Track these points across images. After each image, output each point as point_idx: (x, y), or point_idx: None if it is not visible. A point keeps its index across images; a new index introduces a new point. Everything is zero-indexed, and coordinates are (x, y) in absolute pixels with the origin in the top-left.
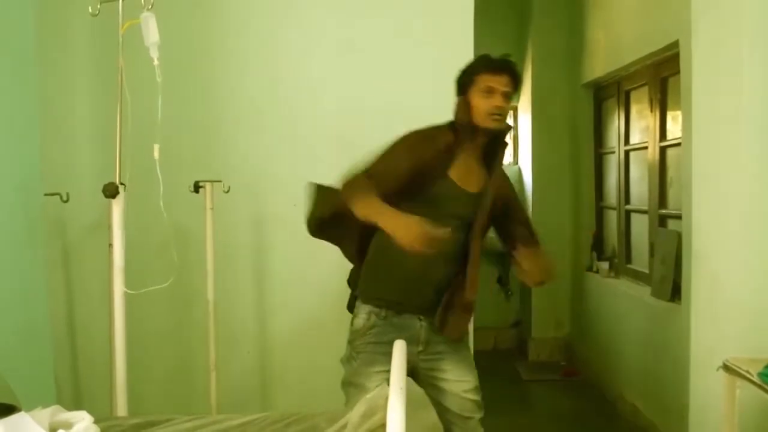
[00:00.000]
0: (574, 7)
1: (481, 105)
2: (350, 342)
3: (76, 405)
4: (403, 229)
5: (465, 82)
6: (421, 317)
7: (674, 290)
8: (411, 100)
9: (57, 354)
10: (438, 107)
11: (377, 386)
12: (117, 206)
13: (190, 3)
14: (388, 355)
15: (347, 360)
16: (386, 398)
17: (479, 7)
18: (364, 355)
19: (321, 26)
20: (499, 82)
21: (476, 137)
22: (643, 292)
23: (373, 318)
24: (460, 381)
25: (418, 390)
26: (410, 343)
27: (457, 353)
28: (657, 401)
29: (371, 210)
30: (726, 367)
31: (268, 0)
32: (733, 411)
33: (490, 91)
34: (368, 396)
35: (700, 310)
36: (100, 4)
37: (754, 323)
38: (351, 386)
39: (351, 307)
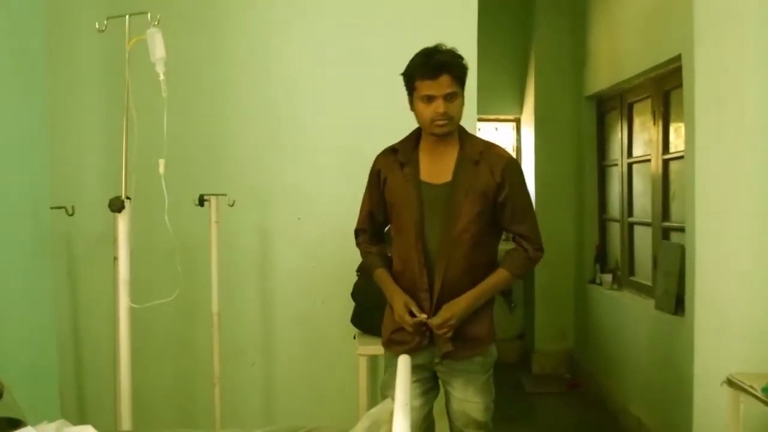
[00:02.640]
0: (578, 20)
1: (424, 112)
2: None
3: (80, 418)
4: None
5: (408, 86)
6: None
7: (678, 303)
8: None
9: (62, 366)
10: None
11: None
12: (122, 220)
13: (196, 19)
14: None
15: (384, 369)
16: (391, 413)
17: (482, 18)
18: (391, 368)
19: (325, 40)
20: (437, 87)
21: (430, 138)
22: (647, 305)
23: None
24: (466, 401)
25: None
26: (430, 352)
27: (467, 372)
28: (661, 415)
29: (382, 286)
30: (730, 382)
31: (273, 15)
32: (737, 426)
33: (429, 99)
34: (372, 410)
35: (704, 323)
36: (107, 20)
37: (758, 337)
38: (382, 396)
39: (354, 320)
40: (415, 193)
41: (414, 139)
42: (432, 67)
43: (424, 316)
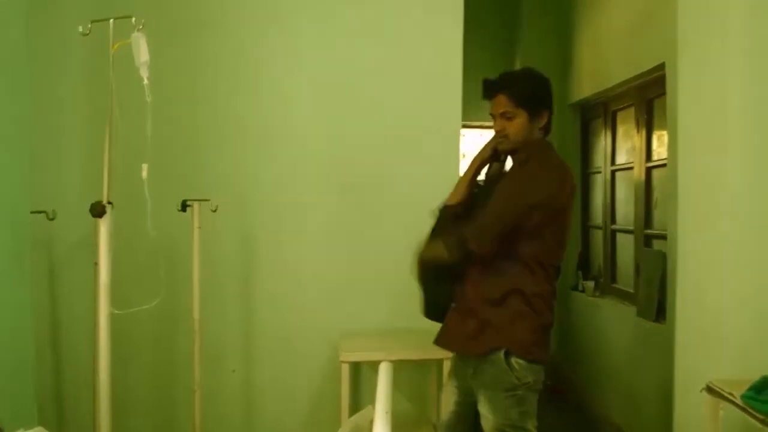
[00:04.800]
0: (562, 28)
1: (494, 129)
2: None
3: (58, 425)
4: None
5: None
6: None
7: (659, 310)
8: (398, 119)
9: (40, 373)
10: (424, 125)
11: (446, 398)
12: (104, 225)
13: (181, 24)
14: (453, 369)
15: None
16: (371, 420)
17: (468, 26)
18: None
19: (308, 47)
20: (494, 107)
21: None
22: (629, 311)
23: None
24: (484, 416)
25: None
26: (466, 364)
27: (485, 387)
28: (641, 421)
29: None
30: (709, 389)
31: (257, 20)
32: None
33: (493, 117)
34: (353, 417)
35: (685, 331)
36: (91, 23)
37: (738, 345)
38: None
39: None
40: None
41: None
42: (487, 88)
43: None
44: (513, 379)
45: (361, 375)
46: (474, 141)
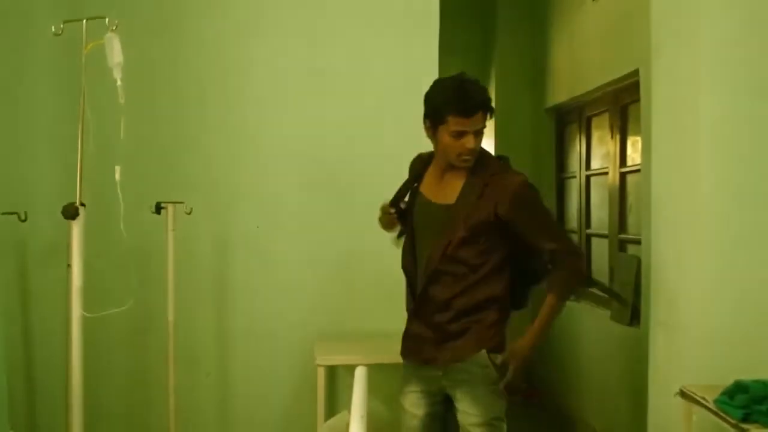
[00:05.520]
0: (538, 33)
1: (452, 146)
2: None
3: (30, 429)
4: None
5: (434, 117)
6: None
7: (633, 315)
8: (374, 122)
9: (11, 376)
10: (400, 129)
11: (410, 405)
12: (76, 227)
13: (155, 24)
14: (417, 376)
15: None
16: (347, 424)
17: (443, 31)
18: (402, 377)
19: (285, 48)
20: (471, 124)
21: (444, 162)
22: (603, 316)
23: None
24: (466, 413)
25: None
26: (434, 366)
27: (468, 384)
28: (616, 425)
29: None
30: (683, 393)
31: (232, 23)
32: None
33: (461, 135)
34: (329, 421)
35: (659, 335)
36: (64, 23)
37: (711, 349)
38: (399, 404)
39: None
40: (411, 206)
41: (428, 159)
42: (471, 105)
43: (392, 209)
44: (494, 373)
45: (337, 379)
46: None
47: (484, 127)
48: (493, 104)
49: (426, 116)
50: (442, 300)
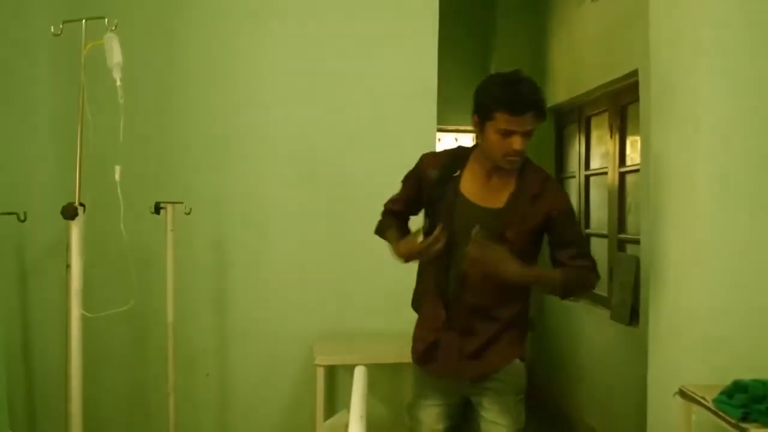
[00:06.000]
0: (538, 33)
1: (498, 145)
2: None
3: (30, 430)
4: (401, 247)
5: (483, 112)
6: None
7: (633, 315)
8: (374, 124)
9: (11, 377)
10: (400, 130)
11: (429, 419)
12: (76, 227)
13: (154, 25)
14: (438, 389)
15: (413, 387)
16: (346, 424)
17: (443, 29)
18: (416, 387)
19: (282, 48)
20: (522, 124)
21: (488, 163)
22: (603, 315)
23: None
24: (494, 423)
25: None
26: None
27: (497, 393)
28: (615, 425)
29: (389, 243)
30: (682, 393)
31: (230, 23)
32: None
33: (509, 134)
34: (329, 421)
35: (658, 335)
36: (63, 24)
37: (711, 349)
38: (409, 418)
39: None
40: (450, 209)
41: (464, 156)
42: (521, 105)
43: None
44: (521, 382)
45: (337, 378)
46: (449, 145)
47: (534, 129)
48: None
49: (474, 111)
50: (484, 308)
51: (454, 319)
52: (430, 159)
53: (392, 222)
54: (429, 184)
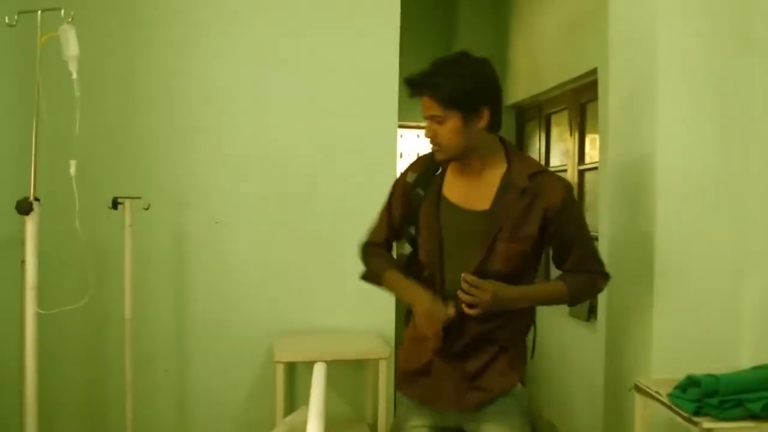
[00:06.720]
0: (499, 30)
1: (425, 135)
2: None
3: None
4: (424, 320)
5: None
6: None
7: (590, 311)
8: (334, 120)
9: None
10: (361, 126)
11: None
12: (31, 222)
13: (111, 17)
14: (425, 413)
15: (395, 409)
16: (305, 422)
17: (404, 26)
18: (401, 408)
19: (244, 43)
20: (423, 108)
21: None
22: (561, 311)
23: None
24: None
25: None
26: (460, 410)
27: (505, 416)
28: (573, 420)
29: (393, 288)
30: (637, 388)
31: (190, 14)
32: (645, 431)
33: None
34: (288, 418)
35: (614, 331)
36: (18, 14)
37: (665, 345)
38: None
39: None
40: (434, 215)
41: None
42: (409, 86)
43: (451, 310)
44: (525, 403)
45: (297, 375)
46: (411, 141)
47: (440, 114)
48: None
49: None
50: (480, 333)
51: (445, 341)
52: (411, 165)
53: (384, 257)
54: (408, 188)
